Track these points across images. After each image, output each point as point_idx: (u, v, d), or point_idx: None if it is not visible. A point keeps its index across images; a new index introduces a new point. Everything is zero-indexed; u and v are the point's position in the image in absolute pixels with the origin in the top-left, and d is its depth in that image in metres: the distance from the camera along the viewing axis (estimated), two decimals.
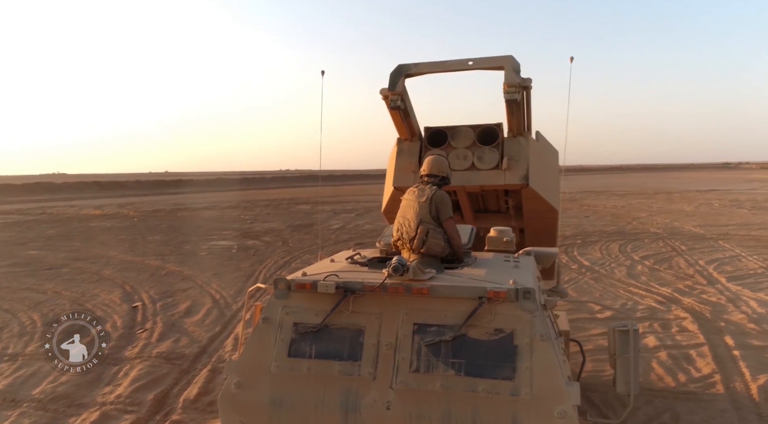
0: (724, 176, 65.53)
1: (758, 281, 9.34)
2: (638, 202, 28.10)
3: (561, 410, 2.56)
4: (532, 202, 5.40)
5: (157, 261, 12.53)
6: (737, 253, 12.08)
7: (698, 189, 38.24)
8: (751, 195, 30.92)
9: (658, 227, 17.11)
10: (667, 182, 51.19)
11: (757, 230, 15.85)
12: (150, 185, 53.40)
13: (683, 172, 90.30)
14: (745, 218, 19.46)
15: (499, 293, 2.78)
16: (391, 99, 5.07)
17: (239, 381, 2.95)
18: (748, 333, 6.54)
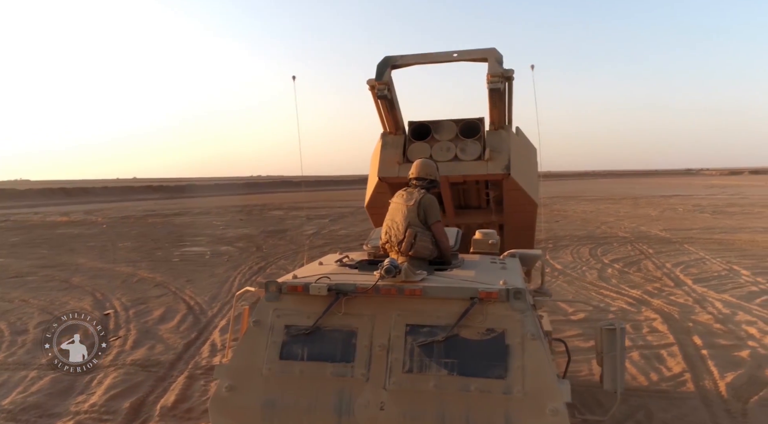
0: (686, 182, 67.68)
1: (722, 282, 9.67)
2: (606, 207, 28.80)
3: (553, 408, 2.61)
4: (512, 195, 5.51)
5: (129, 268, 12.26)
6: (701, 256, 12.49)
7: (663, 194, 39.41)
8: (712, 200, 32.02)
9: (626, 231, 17.56)
10: (633, 188, 52.54)
11: (719, 234, 16.41)
12: (118, 192, 52.19)
13: (648, 178, 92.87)
14: (707, 222, 20.14)
15: (491, 293, 2.82)
16: (377, 88, 5.14)
17: (230, 385, 2.93)
18: (715, 333, 6.77)
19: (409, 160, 5.44)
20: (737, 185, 53.52)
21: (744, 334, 6.69)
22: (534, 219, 5.99)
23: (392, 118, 5.51)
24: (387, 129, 5.66)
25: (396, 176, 5.43)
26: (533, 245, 6.39)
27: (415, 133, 5.60)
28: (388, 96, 5.22)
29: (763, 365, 5.62)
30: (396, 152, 5.50)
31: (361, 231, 18.99)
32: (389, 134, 5.64)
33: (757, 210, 24.58)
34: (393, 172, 5.40)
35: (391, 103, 5.36)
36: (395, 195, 3.97)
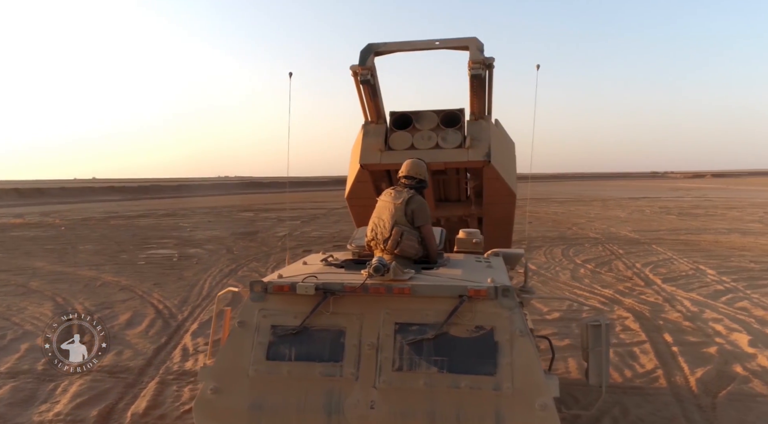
0: (653, 185, 69.66)
1: (689, 282, 9.93)
2: (576, 208, 29.36)
3: (542, 403, 2.63)
4: (492, 184, 5.58)
5: (91, 271, 11.85)
6: (669, 256, 12.82)
7: (631, 197, 40.41)
8: (677, 202, 33.00)
9: (596, 232, 17.91)
10: (602, 190, 53.75)
11: (685, 235, 16.89)
12: (76, 193, 50.21)
13: (616, 181, 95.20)
14: (674, 223, 20.71)
15: (480, 291, 2.83)
16: (360, 74, 5.22)
17: (215, 387, 2.86)
18: (685, 330, 6.92)
19: (390, 148, 5.54)
20: (701, 188, 55.33)
21: (711, 331, 6.86)
22: (512, 211, 6.09)
23: (374, 106, 5.56)
24: (369, 118, 5.71)
25: (377, 163, 5.49)
26: (511, 239, 6.49)
27: (397, 123, 5.64)
28: (371, 81, 5.29)
29: (730, 361, 5.76)
30: (377, 140, 5.54)
31: (334, 232, 18.89)
32: (371, 124, 5.68)
33: (720, 212, 25.41)
34: (375, 159, 5.44)
35: (374, 89, 5.43)
36: (383, 193, 3.96)
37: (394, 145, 5.55)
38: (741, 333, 6.64)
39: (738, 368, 5.54)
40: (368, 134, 5.63)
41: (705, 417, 4.50)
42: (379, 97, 5.56)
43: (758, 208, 27.06)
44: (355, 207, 6.28)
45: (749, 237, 16.18)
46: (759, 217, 22.78)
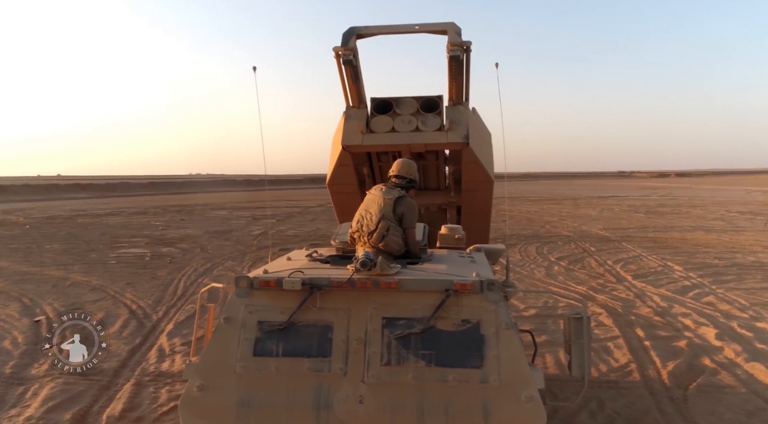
0: (620, 184, 71.32)
1: (658, 278, 10.20)
2: (549, 207, 29.85)
3: (528, 395, 2.68)
4: (470, 169, 5.72)
5: (59, 271, 11.52)
6: (639, 253, 13.15)
7: (600, 195, 41.27)
8: (644, 201, 33.86)
9: (568, 231, 18.25)
10: (572, 189, 54.77)
11: (653, 233, 17.34)
12: (41, 190, 48.39)
13: (585, 180, 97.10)
14: (642, 221, 21.24)
15: (465, 285, 2.87)
16: (343, 54, 5.34)
17: (202, 384, 2.84)
18: (656, 325, 7.11)
19: (372, 131, 5.69)
20: (666, 187, 56.90)
21: (680, 325, 7.07)
22: (490, 200, 6.24)
23: (356, 90, 5.69)
24: (350, 103, 5.84)
25: (359, 144, 5.63)
26: (489, 231, 6.63)
27: (378, 108, 5.79)
28: (353, 62, 5.42)
29: (699, 354, 5.95)
30: (359, 123, 5.69)
31: (310, 231, 18.79)
32: (352, 108, 5.82)
33: (685, 210, 26.19)
34: (356, 141, 5.57)
35: (356, 72, 5.56)
36: (374, 188, 3.99)
37: (376, 129, 5.69)
38: (708, 327, 6.86)
39: (707, 360, 5.72)
40: (350, 118, 5.77)
41: (677, 409, 4.63)
42: (360, 81, 5.69)
43: (720, 207, 27.97)
44: (336, 194, 6.38)
45: (712, 234, 16.72)
46: (721, 214, 23.55)
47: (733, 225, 19.34)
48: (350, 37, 5.37)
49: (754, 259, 12.09)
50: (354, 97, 5.76)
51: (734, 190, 46.54)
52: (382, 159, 6.24)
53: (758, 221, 20.49)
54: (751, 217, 22.35)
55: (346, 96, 5.81)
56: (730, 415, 4.47)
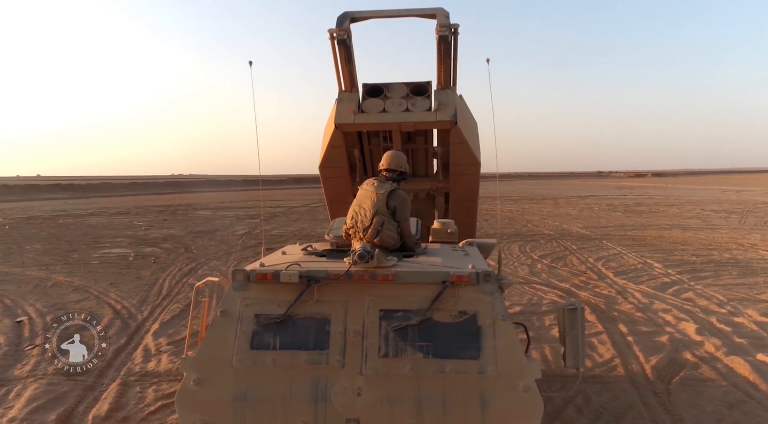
0: (598, 183, 72.28)
1: (638, 275, 10.40)
2: (530, 206, 30.16)
3: (525, 385, 2.72)
4: (458, 150, 5.92)
5: (41, 272, 11.33)
6: (619, 251, 13.37)
7: (579, 195, 41.80)
8: (622, 200, 34.38)
9: (550, 229, 18.47)
10: (551, 189, 55.35)
11: (631, 231, 17.63)
12: (20, 190, 47.42)
13: (564, 180, 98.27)
14: (620, 220, 21.59)
15: (462, 276, 2.90)
16: (337, 34, 5.59)
17: (198, 378, 2.82)
18: (637, 321, 7.26)
19: (363, 111, 5.95)
20: (643, 187, 57.84)
21: (661, 321, 7.22)
22: (477, 185, 6.42)
23: (348, 73, 5.94)
24: (343, 87, 6.08)
25: (352, 123, 5.85)
26: (476, 221, 6.81)
27: (369, 93, 6.07)
28: (347, 42, 5.66)
29: (680, 349, 6.09)
30: (351, 105, 5.94)
31: (295, 230, 18.72)
32: (345, 92, 6.07)
33: (662, 209, 26.66)
34: (349, 120, 5.80)
35: (349, 53, 5.82)
36: (365, 182, 4.00)
37: (367, 110, 5.95)
38: (688, 323, 7.02)
39: (688, 355, 5.86)
40: (342, 100, 6.02)
41: (660, 402, 4.74)
42: (353, 64, 5.93)
43: (695, 205, 28.53)
44: (327, 179, 6.50)
45: (689, 232, 17.07)
46: (696, 213, 24.05)
47: (709, 223, 19.77)
48: (344, 20, 5.63)
49: (729, 256, 12.38)
50: (347, 80, 5.99)
51: (709, 190, 47.49)
52: (373, 142, 6.43)
53: (732, 219, 20.98)
54: (726, 215, 22.86)
55: (339, 80, 6.04)
56: (711, 407, 4.58)
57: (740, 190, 46.08)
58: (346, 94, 6.04)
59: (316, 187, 63.62)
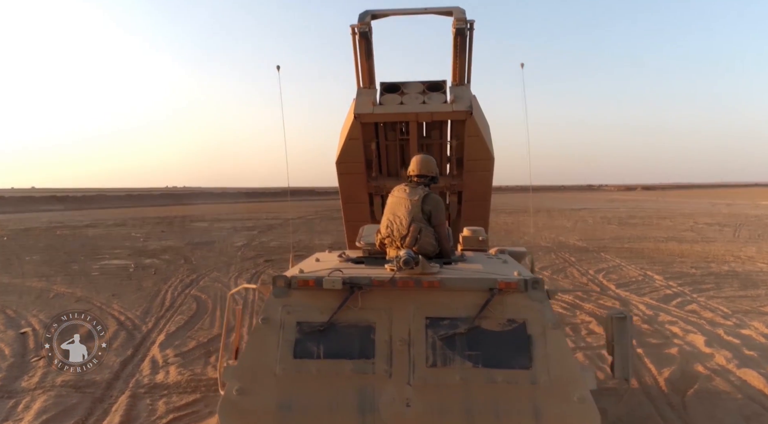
0: (590, 196, 72.65)
1: (640, 287, 10.44)
2: (525, 219, 30.21)
3: (580, 396, 2.65)
4: (472, 143, 6.07)
5: (41, 282, 11.21)
6: (618, 263, 13.42)
7: (572, 208, 41.98)
8: (615, 213, 34.58)
9: (547, 241, 18.52)
10: (544, 202, 55.52)
11: (628, 243, 17.72)
12: (15, 202, 46.99)
13: (556, 193, 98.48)
14: (615, 232, 21.69)
15: (510, 283, 2.84)
16: (360, 27, 5.85)
17: (240, 387, 2.75)
18: (645, 333, 7.27)
19: (382, 104, 6.18)
20: (634, 200, 58.14)
21: (669, 333, 7.24)
22: (490, 182, 6.54)
23: (367, 69, 6.18)
24: (361, 84, 6.32)
25: (371, 114, 6.03)
26: (488, 221, 6.93)
27: (387, 90, 6.31)
28: (368, 35, 5.92)
29: (691, 361, 6.09)
30: (370, 99, 6.14)
31: (293, 242, 18.64)
32: (363, 88, 6.31)
33: (655, 221, 26.83)
34: (368, 110, 6.00)
35: (369, 49, 6.07)
36: (395, 189, 3.96)
37: (385, 103, 6.18)
38: (696, 334, 7.04)
39: (699, 367, 5.85)
40: (361, 94, 6.25)
41: (678, 415, 4.73)
42: (372, 60, 6.16)
43: (687, 218, 28.72)
44: (343, 175, 6.59)
45: (685, 244, 17.18)
46: (690, 226, 24.21)
47: (703, 236, 19.91)
48: (365, 16, 5.89)
49: (728, 268, 12.47)
50: (365, 76, 6.24)
51: (699, 203, 47.89)
52: (389, 137, 6.52)
53: (726, 232, 21.14)
54: (719, 228, 23.04)
55: (358, 76, 6.28)
56: (729, 420, 4.57)
57: (730, 203, 46.49)
58: (364, 90, 6.28)
59: (310, 199, 63.30)
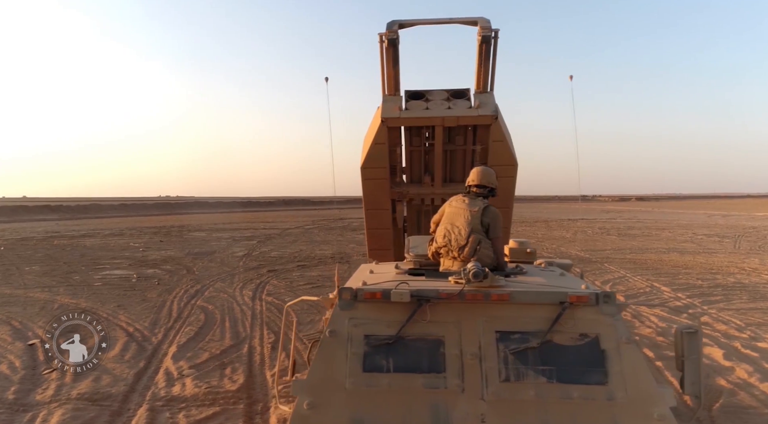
0: (585, 207, 72.84)
1: (650, 298, 10.43)
2: (523, 229, 30.31)
3: (660, 413, 2.60)
4: (497, 148, 6.20)
5: (44, 293, 11.06)
6: (623, 274, 13.43)
7: (569, 218, 42.11)
8: (613, 223, 34.68)
9: (549, 252, 18.49)
10: (540, 212, 55.64)
11: (630, 254, 17.73)
12: (8, 211, 46.33)
13: (551, 203, 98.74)
14: (616, 243, 21.73)
15: (581, 297, 2.80)
16: (389, 34, 6.01)
17: (311, 401, 2.71)
18: (660, 345, 7.23)
19: (408, 109, 6.32)
20: (630, 211, 58.39)
21: None
22: (513, 190, 6.64)
23: (393, 76, 6.31)
24: (387, 91, 6.46)
25: (398, 117, 6.17)
26: (510, 229, 7.00)
27: (412, 97, 6.47)
28: (396, 42, 6.05)
29: (712, 375, 6.05)
30: (396, 105, 6.30)
31: (294, 252, 18.55)
32: (389, 95, 6.44)
33: (654, 232, 26.92)
34: (395, 114, 6.14)
35: (396, 55, 6.22)
36: (453, 199, 3.95)
37: (411, 108, 6.33)
38: (713, 347, 7.01)
39: (722, 381, 5.82)
40: (387, 101, 6.39)
41: None
42: (398, 68, 6.30)
43: (686, 229, 28.84)
44: (368, 180, 6.67)
45: (687, 256, 17.22)
46: (689, 237, 24.31)
47: (704, 247, 19.98)
48: (393, 25, 6.06)
49: (734, 280, 12.49)
50: (390, 84, 6.37)
51: (694, 214, 48.16)
52: (414, 142, 6.61)
53: (726, 243, 21.25)
54: (718, 239, 23.14)
55: (383, 84, 6.41)
56: None
57: (726, 214, 46.82)
58: (390, 97, 6.41)
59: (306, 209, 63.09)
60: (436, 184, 6.59)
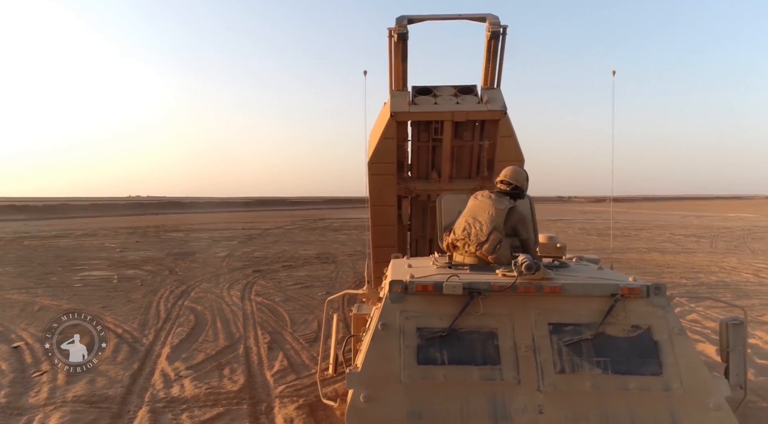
0: (562, 208, 73.84)
1: None
2: None
3: (716, 403, 2.63)
4: (505, 144, 6.24)
5: (22, 295, 10.67)
6: None
7: (548, 219, 42.52)
8: (592, 224, 35.21)
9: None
10: None
11: (613, 254, 17.99)
12: None
13: None
14: (597, 243, 22.06)
15: (633, 289, 2.84)
16: (399, 28, 6.01)
17: (367, 394, 2.66)
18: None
19: (416, 104, 6.31)
20: (606, 211, 59.53)
21: None
22: None
23: (401, 71, 6.32)
24: (395, 86, 6.45)
25: (407, 112, 6.17)
26: None
27: (420, 93, 6.47)
28: (406, 37, 6.07)
29: (710, 371, 6.15)
30: (404, 99, 6.29)
31: (277, 252, 18.34)
32: (396, 91, 6.43)
33: (633, 233, 27.44)
34: (404, 109, 6.14)
35: (405, 51, 6.23)
36: (479, 193, 3.89)
37: (419, 103, 6.31)
38: (705, 344, 7.14)
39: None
40: (395, 96, 6.38)
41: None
42: (407, 63, 6.32)
43: (663, 230, 29.51)
44: (375, 176, 6.66)
45: (668, 255, 17.59)
46: (667, 237, 24.88)
47: (683, 247, 20.45)
48: (403, 20, 6.08)
49: (716, 279, 12.79)
50: (398, 79, 6.38)
51: (670, 215, 49.38)
52: (422, 138, 6.57)
53: (704, 243, 21.80)
54: (696, 239, 23.74)
55: (391, 79, 6.41)
56: None
57: (699, 215, 48.11)
58: (397, 92, 6.41)
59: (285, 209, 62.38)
60: (443, 180, 6.57)
